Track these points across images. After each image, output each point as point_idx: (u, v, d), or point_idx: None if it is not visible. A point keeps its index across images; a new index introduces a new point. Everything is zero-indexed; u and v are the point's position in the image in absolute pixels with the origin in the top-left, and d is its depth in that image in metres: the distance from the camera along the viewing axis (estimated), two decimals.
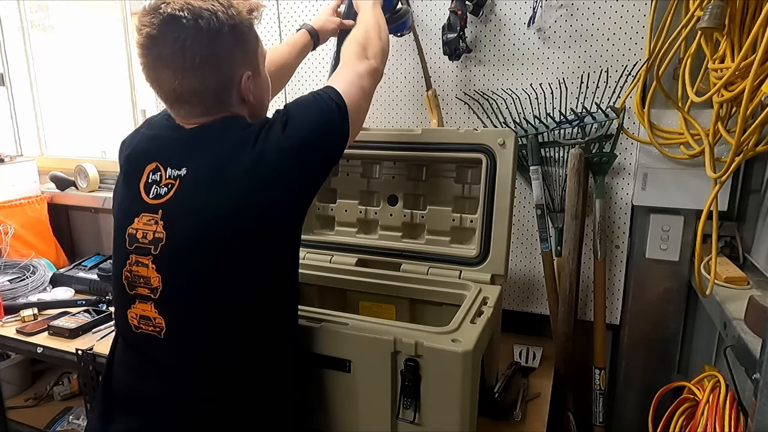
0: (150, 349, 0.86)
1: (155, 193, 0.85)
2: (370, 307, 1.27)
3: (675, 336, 1.41)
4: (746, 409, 0.92)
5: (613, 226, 1.41)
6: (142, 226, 0.85)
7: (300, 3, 1.63)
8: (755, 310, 0.94)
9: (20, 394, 1.87)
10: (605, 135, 1.33)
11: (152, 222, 0.84)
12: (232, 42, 0.85)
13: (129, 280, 0.86)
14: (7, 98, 2.41)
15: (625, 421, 1.50)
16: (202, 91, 0.85)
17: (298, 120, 0.86)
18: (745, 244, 1.28)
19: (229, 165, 0.82)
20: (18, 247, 2.03)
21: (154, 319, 0.84)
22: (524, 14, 1.38)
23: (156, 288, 0.83)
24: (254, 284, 0.85)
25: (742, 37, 0.96)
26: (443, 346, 0.87)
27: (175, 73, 0.83)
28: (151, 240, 0.83)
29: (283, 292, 0.90)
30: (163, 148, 0.89)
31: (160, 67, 0.83)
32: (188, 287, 0.83)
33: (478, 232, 1.18)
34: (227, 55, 0.85)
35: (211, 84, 0.85)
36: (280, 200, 0.84)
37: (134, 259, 0.85)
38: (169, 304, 0.84)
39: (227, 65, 0.85)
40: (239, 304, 0.84)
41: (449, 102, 1.51)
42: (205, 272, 0.82)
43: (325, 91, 0.92)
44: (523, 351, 1.44)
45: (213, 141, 0.85)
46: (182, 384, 0.86)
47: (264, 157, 0.82)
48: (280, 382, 0.91)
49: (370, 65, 1.02)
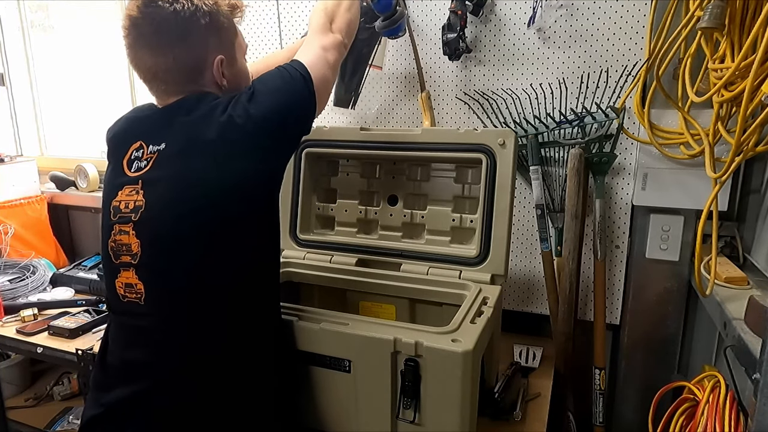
0: (135, 317, 0.89)
1: (136, 167, 0.90)
2: (370, 307, 1.27)
3: (675, 336, 1.41)
4: (746, 409, 0.92)
5: (613, 226, 1.41)
6: (124, 198, 0.90)
7: (300, 3, 1.63)
8: (755, 310, 0.94)
9: (20, 394, 1.87)
10: (605, 135, 1.33)
11: (134, 192, 0.89)
12: (206, 26, 0.90)
13: (114, 250, 0.90)
14: (7, 98, 2.41)
15: (625, 421, 1.50)
16: (175, 69, 0.90)
17: (264, 90, 0.91)
18: (745, 244, 1.28)
19: (199, 134, 0.87)
20: (18, 247, 2.03)
21: (135, 285, 0.87)
22: (524, 14, 1.38)
23: (136, 254, 0.87)
24: (230, 252, 0.87)
25: (742, 37, 0.96)
26: (443, 346, 0.87)
27: (151, 51, 0.89)
28: (132, 209, 0.88)
29: (261, 262, 0.93)
30: (145, 127, 0.94)
31: (138, 47, 0.90)
32: (162, 253, 0.86)
33: (478, 232, 1.18)
34: (200, 37, 0.90)
35: (183, 62, 0.90)
36: (250, 167, 0.87)
37: (117, 228, 0.89)
38: (146, 269, 0.87)
39: (199, 47, 0.91)
40: (214, 269, 0.86)
41: (449, 102, 1.51)
42: (179, 238, 0.85)
43: (290, 64, 0.97)
44: (523, 351, 1.44)
45: (185, 113, 0.90)
46: (167, 348, 0.88)
47: (232, 122, 0.86)
48: (261, 351, 0.93)
49: (335, 39, 1.04)
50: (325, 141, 1.32)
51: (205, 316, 0.87)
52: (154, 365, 0.88)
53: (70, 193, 2.19)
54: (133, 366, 0.89)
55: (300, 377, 0.99)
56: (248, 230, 0.89)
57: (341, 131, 1.32)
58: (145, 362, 0.88)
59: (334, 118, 1.66)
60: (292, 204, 1.35)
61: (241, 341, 0.90)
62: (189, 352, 0.87)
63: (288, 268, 1.30)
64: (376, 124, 1.60)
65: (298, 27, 1.66)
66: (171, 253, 0.86)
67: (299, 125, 0.96)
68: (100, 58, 2.26)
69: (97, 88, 2.31)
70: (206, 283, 0.86)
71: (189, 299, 0.86)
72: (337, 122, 1.65)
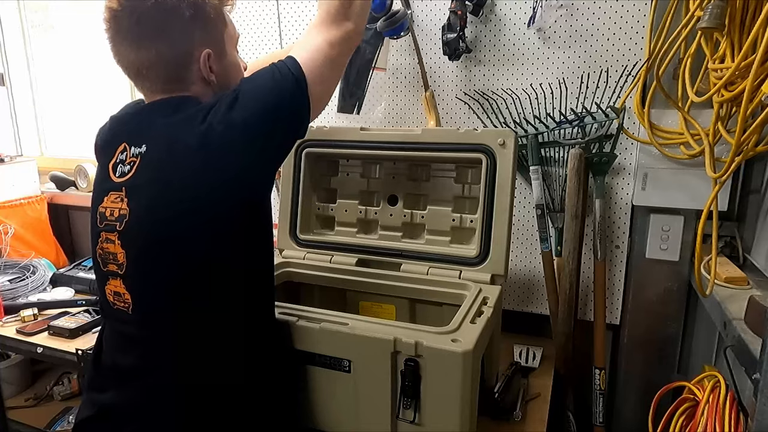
0: (124, 324, 0.88)
1: (120, 172, 0.87)
2: (370, 307, 1.27)
3: (675, 336, 1.41)
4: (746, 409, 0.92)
5: (613, 226, 1.41)
6: (110, 204, 0.87)
7: (300, 3, 1.63)
8: (755, 310, 0.94)
9: (20, 394, 1.87)
10: (605, 135, 1.33)
11: (118, 200, 0.86)
12: (190, 17, 0.84)
13: (102, 258, 0.88)
14: (7, 98, 2.41)
15: (625, 421, 1.50)
16: (159, 64, 0.85)
17: (248, 95, 0.84)
18: (745, 244, 1.28)
19: (178, 141, 0.82)
20: (18, 247, 2.03)
21: (123, 294, 0.86)
22: (524, 14, 1.38)
23: (122, 264, 0.85)
24: (211, 256, 0.84)
25: (742, 37, 0.96)
26: (443, 346, 0.87)
27: (132, 44, 0.85)
28: (117, 217, 0.85)
29: (250, 270, 0.89)
30: (129, 127, 0.91)
31: (119, 40, 0.86)
32: (147, 264, 0.84)
33: (478, 232, 1.18)
34: (183, 30, 0.85)
35: (166, 57, 0.85)
36: (232, 177, 0.82)
37: (104, 236, 0.87)
38: (133, 279, 0.85)
39: (183, 40, 0.85)
40: (200, 280, 0.84)
41: (449, 102, 1.51)
42: (162, 247, 0.83)
43: (283, 62, 0.87)
44: (523, 351, 1.44)
45: (166, 117, 0.86)
46: (156, 356, 0.86)
47: (211, 131, 0.81)
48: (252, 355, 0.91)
49: (347, 29, 0.91)
50: (325, 141, 1.32)
51: (193, 327, 0.85)
52: (144, 371, 0.86)
53: (70, 193, 2.19)
54: (125, 370, 0.88)
55: (300, 377, 0.99)
56: (234, 239, 0.85)
57: (341, 131, 1.32)
58: (135, 367, 0.87)
59: (334, 118, 1.66)
60: (292, 204, 1.35)
61: (231, 349, 0.88)
62: (178, 361, 0.86)
63: (288, 268, 1.30)
64: (378, 125, 1.60)
65: (298, 27, 1.66)
66: (156, 264, 0.83)
67: (288, 130, 0.88)
68: (100, 57, 2.26)
69: (98, 88, 2.31)
70: (193, 295, 0.84)
71: (175, 311, 0.84)
72: (338, 122, 1.65)
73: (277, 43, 1.70)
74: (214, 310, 0.86)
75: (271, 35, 1.70)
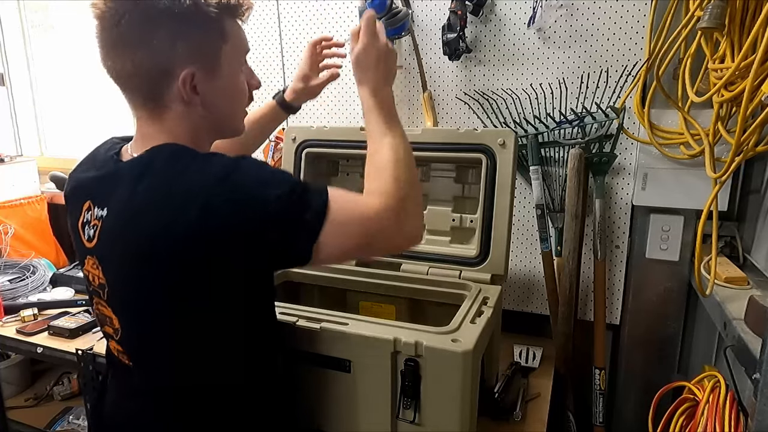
0: (127, 377, 0.87)
1: (88, 235, 0.80)
2: (370, 307, 1.26)
3: (675, 336, 1.41)
4: (746, 409, 0.92)
5: (613, 226, 1.41)
6: (91, 270, 0.81)
7: (300, 3, 1.63)
8: (755, 310, 0.94)
9: (20, 394, 1.87)
10: (605, 135, 1.33)
11: (95, 267, 0.79)
12: (173, 30, 0.74)
13: (99, 318, 0.87)
14: (7, 98, 2.41)
15: (625, 421, 1.50)
16: (137, 76, 0.77)
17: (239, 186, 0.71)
18: (745, 244, 1.28)
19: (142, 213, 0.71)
20: (18, 247, 2.03)
21: (122, 353, 0.85)
22: (524, 14, 1.38)
23: (117, 329, 0.83)
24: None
25: (742, 37, 0.96)
26: (443, 346, 0.87)
27: (109, 52, 0.78)
28: (98, 285, 0.81)
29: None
30: (95, 182, 0.81)
31: (101, 44, 0.78)
32: (138, 328, 0.81)
33: (478, 232, 1.18)
34: (163, 43, 0.74)
35: (145, 68, 0.76)
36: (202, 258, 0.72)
37: (96, 300, 0.85)
38: (129, 343, 0.83)
39: (162, 54, 0.75)
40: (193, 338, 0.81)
41: (449, 102, 1.51)
42: (150, 313, 0.78)
43: (311, 189, 0.76)
44: (523, 351, 1.44)
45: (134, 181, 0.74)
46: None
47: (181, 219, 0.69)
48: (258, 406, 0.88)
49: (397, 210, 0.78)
50: (325, 141, 1.32)
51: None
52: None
53: None
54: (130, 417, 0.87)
55: (300, 377, 0.99)
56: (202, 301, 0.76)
57: (341, 131, 1.32)
58: (138, 413, 0.86)
59: (334, 118, 1.66)
60: None
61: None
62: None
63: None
64: None
65: (298, 27, 1.66)
66: (145, 327, 0.80)
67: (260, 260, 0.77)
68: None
69: (98, 88, 2.31)
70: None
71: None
72: (337, 122, 1.65)
73: (277, 43, 1.70)
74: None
75: (271, 35, 1.70)
